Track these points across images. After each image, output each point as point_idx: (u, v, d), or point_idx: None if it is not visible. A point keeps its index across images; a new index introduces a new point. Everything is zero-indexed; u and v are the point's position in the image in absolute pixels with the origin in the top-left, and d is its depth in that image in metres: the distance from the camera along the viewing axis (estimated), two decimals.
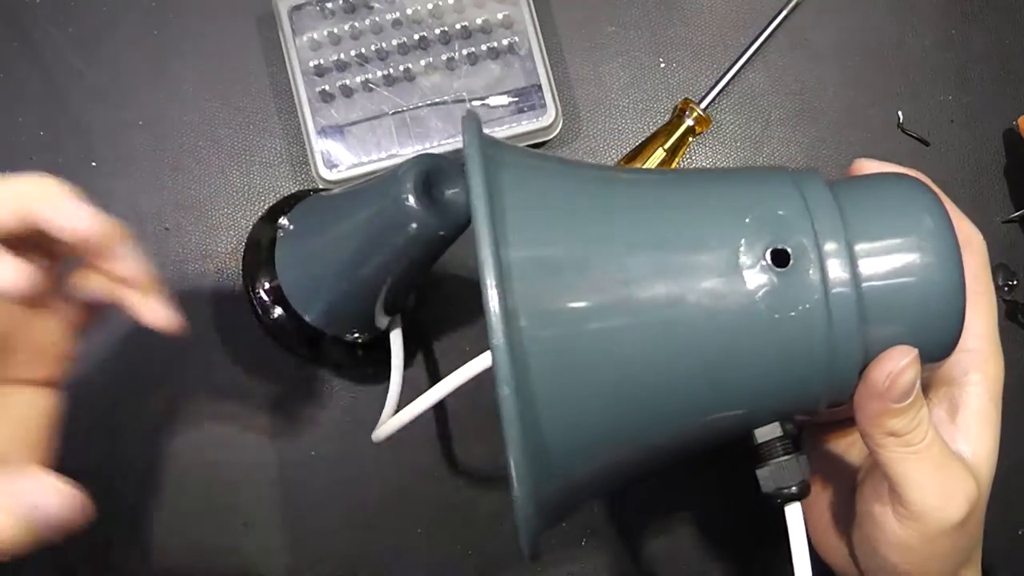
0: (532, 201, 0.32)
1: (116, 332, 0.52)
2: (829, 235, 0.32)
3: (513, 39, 0.51)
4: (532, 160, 0.35)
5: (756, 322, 0.32)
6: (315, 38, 0.51)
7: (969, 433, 0.36)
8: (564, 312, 0.31)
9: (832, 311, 0.32)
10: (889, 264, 0.32)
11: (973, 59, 0.54)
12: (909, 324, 0.32)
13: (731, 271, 0.32)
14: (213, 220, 0.53)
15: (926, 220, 0.33)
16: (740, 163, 0.53)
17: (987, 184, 0.53)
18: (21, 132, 0.53)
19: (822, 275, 0.32)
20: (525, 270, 0.30)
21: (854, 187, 0.34)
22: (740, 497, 0.36)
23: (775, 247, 0.32)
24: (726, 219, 0.33)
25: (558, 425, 0.31)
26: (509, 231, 0.31)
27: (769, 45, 0.53)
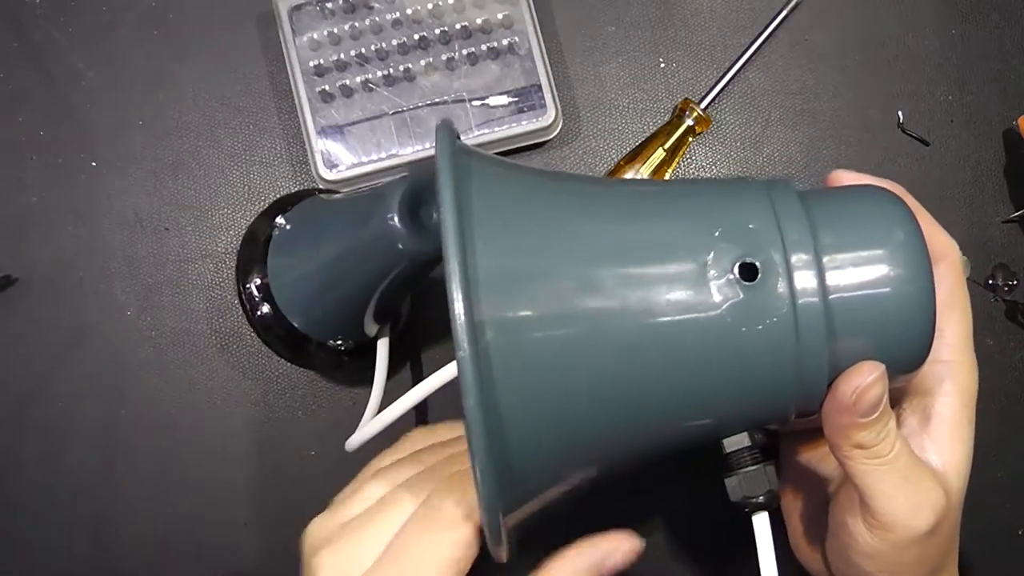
0: (501, 212, 0.32)
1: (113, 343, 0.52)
2: (798, 248, 0.32)
3: (513, 39, 0.51)
4: (504, 170, 0.35)
5: (723, 335, 0.32)
6: (315, 38, 0.51)
7: (941, 443, 0.36)
8: (530, 323, 0.31)
9: (800, 324, 0.32)
10: (858, 277, 0.32)
11: (973, 59, 0.54)
12: (878, 337, 0.33)
13: (698, 284, 0.32)
14: (213, 220, 0.53)
15: (896, 233, 0.33)
16: (740, 163, 0.53)
17: (987, 184, 0.53)
18: (21, 132, 0.53)
19: (790, 289, 0.32)
20: (492, 282, 0.30)
21: (826, 199, 0.34)
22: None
23: (743, 261, 0.32)
24: (695, 231, 0.33)
25: (523, 433, 0.30)
26: (478, 242, 0.30)
27: (769, 45, 0.53)
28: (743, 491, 0.35)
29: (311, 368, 0.51)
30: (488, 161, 0.35)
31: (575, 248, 0.32)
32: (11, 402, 0.52)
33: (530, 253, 0.32)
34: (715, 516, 0.36)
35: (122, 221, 0.53)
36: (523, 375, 0.30)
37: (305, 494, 0.51)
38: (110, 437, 0.51)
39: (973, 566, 0.51)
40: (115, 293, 0.52)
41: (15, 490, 0.51)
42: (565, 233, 0.32)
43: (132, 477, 0.51)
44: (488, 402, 0.29)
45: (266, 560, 0.51)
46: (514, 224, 0.32)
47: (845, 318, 0.32)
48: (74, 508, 0.51)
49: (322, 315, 0.46)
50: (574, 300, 0.31)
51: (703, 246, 0.32)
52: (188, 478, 0.51)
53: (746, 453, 0.35)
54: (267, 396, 0.52)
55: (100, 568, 0.51)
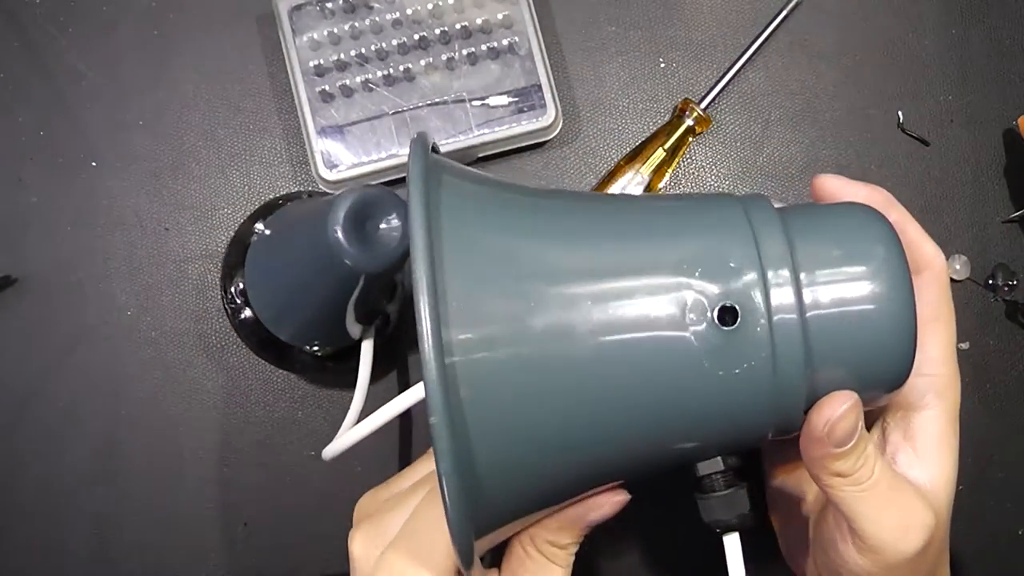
0: (473, 232, 0.31)
1: (113, 343, 0.52)
2: (780, 286, 0.31)
3: (513, 39, 0.51)
4: (478, 188, 0.34)
5: (699, 378, 0.31)
6: (315, 38, 0.51)
7: (927, 459, 0.36)
8: (501, 348, 0.30)
9: (778, 365, 0.31)
10: (840, 306, 0.32)
11: (973, 59, 0.54)
12: (857, 361, 0.32)
13: (676, 327, 0.31)
14: (213, 220, 0.53)
15: (878, 261, 0.32)
16: (740, 163, 0.53)
17: (987, 184, 0.53)
18: (21, 132, 0.53)
19: (770, 332, 0.31)
20: (462, 305, 0.30)
21: (807, 223, 0.33)
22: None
23: (723, 304, 0.31)
24: (674, 270, 0.32)
25: (493, 456, 0.30)
26: (447, 262, 0.30)
27: (769, 45, 0.53)
28: (715, 514, 0.35)
29: (295, 372, 0.51)
30: (462, 176, 0.34)
31: (551, 273, 0.31)
32: (11, 402, 0.52)
33: (502, 280, 0.31)
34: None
35: (122, 221, 0.53)
36: (490, 397, 0.30)
37: (305, 494, 0.51)
38: (110, 437, 0.51)
39: (973, 566, 0.51)
40: (115, 293, 0.52)
41: (15, 490, 0.51)
42: (541, 258, 0.32)
43: (132, 477, 0.51)
44: (456, 423, 0.29)
45: (266, 560, 0.51)
46: (486, 246, 0.31)
47: (824, 349, 0.32)
48: (74, 508, 0.51)
49: (292, 322, 0.46)
50: (547, 330, 0.30)
51: (682, 287, 0.31)
52: (188, 478, 0.51)
53: (719, 477, 0.35)
54: (267, 396, 0.52)
55: (100, 568, 0.51)
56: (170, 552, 0.51)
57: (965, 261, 0.52)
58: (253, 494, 0.51)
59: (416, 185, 0.30)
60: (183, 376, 0.52)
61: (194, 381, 0.52)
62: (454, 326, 0.29)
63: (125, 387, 0.52)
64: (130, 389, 0.52)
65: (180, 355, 0.52)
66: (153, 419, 0.52)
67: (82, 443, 0.52)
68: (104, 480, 0.51)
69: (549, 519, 0.36)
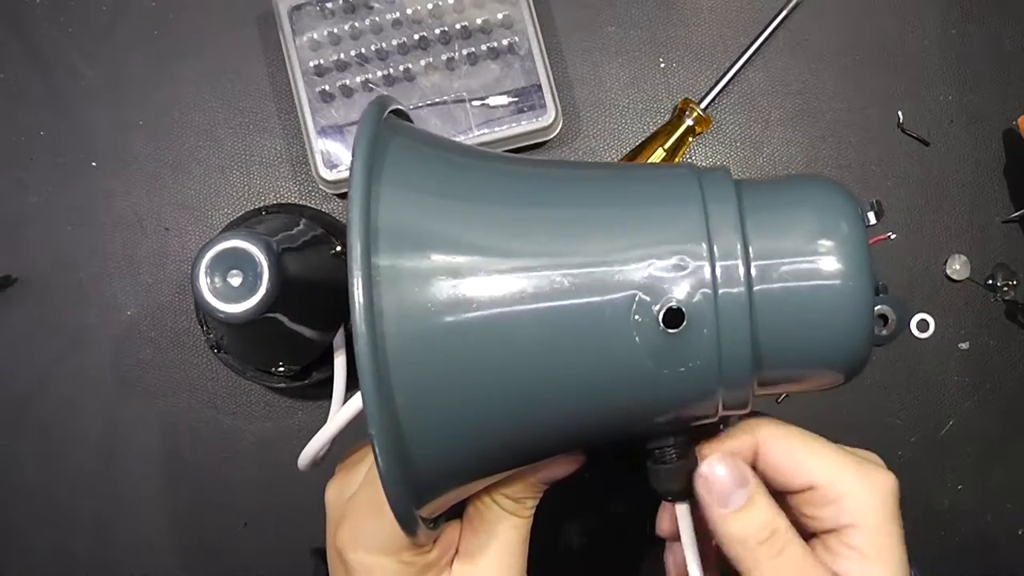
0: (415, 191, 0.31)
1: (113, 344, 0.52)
2: (731, 289, 0.30)
3: (513, 39, 0.51)
4: (428, 151, 0.33)
5: (641, 375, 0.31)
6: (315, 38, 0.50)
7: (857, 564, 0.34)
8: (432, 317, 0.29)
9: (724, 365, 0.30)
10: (792, 308, 0.31)
11: (973, 59, 0.54)
12: (807, 351, 0.32)
13: (620, 325, 0.30)
14: (213, 220, 0.53)
15: (835, 284, 0.31)
16: (740, 163, 0.53)
17: (987, 184, 0.53)
18: (21, 132, 0.53)
19: (717, 335, 0.30)
20: (395, 274, 0.29)
21: (767, 214, 0.32)
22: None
23: (670, 306, 0.30)
24: (623, 263, 0.30)
25: (423, 426, 0.30)
26: (381, 220, 0.29)
27: (769, 45, 0.53)
28: (665, 484, 0.35)
29: (272, 387, 0.51)
30: (412, 139, 0.33)
31: (493, 247, 0.30)
32: (11, 402, 0.52)
33: (443, 248, 0.30)
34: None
35: (122, 221, 0.53)
36: (425, 370, 0.29)
37: (305, 494, 0.51)
38: (110, 437, 0.51)
39: (974, 566, 0.51)
40: (115, 293, 0.52)
41: (15, 490, 0.51)
42: (485, 228, 0.31)
43: (132, 477, 0.51)
44: (385, 387, 0.28)
45: (266, 560, 0.51)
46: (427, 206, 0.31)
47: (773, 343, 0.31)
48: (74, 508, 0.51)
49: (240, 350, 0.46)
50: (484, 304, 0.30)
51: (630, 283, 0.30)
52: (188, 478, 0.51)
53: (669, 448, 0.34)
54: (266, 396, 0.52)
55: (100, 568, 0.51)
56: (170, 552, 0.51)
57: (965, 261, 0.52)
58: (253, 494, 0.51)
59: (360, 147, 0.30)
60: (183, 376, 0.52)
61: (194, 381, 0.52)
62: (386, 293, 0.29)
63: (125, 387, 0.52)
64: (130, 389, 0.52)
65: (180, 355, 0.52)
66: (153, 419, 0.52)
67: (82, 443, 0.52)
68: (104, 480, 0.51)
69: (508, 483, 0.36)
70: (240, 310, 0.39)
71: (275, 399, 0.52)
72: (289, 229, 0.45)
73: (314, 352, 0.46)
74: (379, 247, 0.29)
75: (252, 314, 0.39)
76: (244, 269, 0.39)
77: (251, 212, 0.49)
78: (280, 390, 0.51)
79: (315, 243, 0.46)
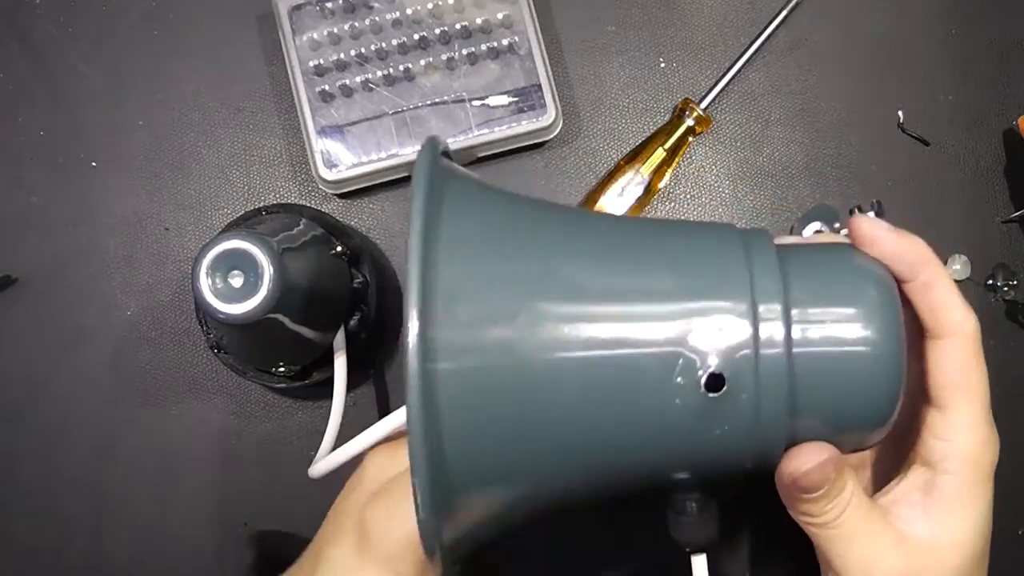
0: (473, 242, 0.31)
1: (113, 343, 0.52)
2: (772, 357, 0.31)
3: (513, 39, 0.51)
4: (484, 197, 0.34)
5: (678, 434, 0.31)
6: (315, 38, 0.50)
7: (935, 517, 0.36)
8: (485, 357, 0.30)
9: (759, 427, 0.31)
10: (828, 371, 0.32)
11: (973, 59, 0.54)
12: (838, 414, 0.33)
13: (662, 386, 0.31)
14: (213, 220, 0.53)
15: (871, 323, 0.32)
16: (740, 163, 0.53)
17: (987, 184, 0.53)
18: (21, 132, 0.53)
19: (756, 401, 0.31)
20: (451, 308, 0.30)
21: (810, 286, 0.33)
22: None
23: (712, 372, 0.30)
24: (670, 327, 0.31)
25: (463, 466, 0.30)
26: (441, 265, 0.30)
27: (769, 45, 0.53)
28: (684, 535, 0.35)
29: (272, 388, 0.51)
30: (467, 185, 0.34)
31: (546, 296, 0.31)
32: (11, 402, 0.52)
33: (498, 291, 0.31)
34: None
35: (122, 221, 0.53)
36: (472, 396, 0.30)
37: (305, 495, 0.51)
38: (110, 437, 0.51)
39: None
40: (115, 293, 0.52)
41: (15, 490, 0.51)
42: (535, 279, 0.32)
43: (132, 477, 0.51)
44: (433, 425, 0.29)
45: (266, 560, 0.51)
46: (484, 255, 0.31)
47: (808, 403, 0.32)
48: (74, 508, 0.51)
49: (238, 350, 0.46)
50: (533, 350, 0.30)
51: (676, 344, 0.31)
52: (188, 479, 0.51)
53: (690, 501, 0.35)
54: (266, 396, 0.52)
55: (100, 568, 0.51)
56: (170, 552, 0.51)
57: (965, 261, 0.52)
58: (253, 494, 0.51)
59: (420, 189, 0.31)
60: (183, 376, 0.52)
61: (194, 381, 0.52)
62: (441, 327, 0.29)
63: (125, 387, 0.52)
64: (130, 389, 0.52)
65: (180, 355, 0.52)
66: (153, 419, 0.52)
67: (81, 444, 0.52)
68: (103, 480, 0.51)
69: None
70: (241, 311, 0.39)
71: (275, 399, 0.52)
72: (290, 230, 0.45)
73: (314, 353, 0.46)
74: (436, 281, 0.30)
75: (253, 315, 0.39)
76: (245, 270, 0.39)
77: (251, 212, 0.49)
78: (280, 390, 0.51)
79: (315, 243, 0.46)
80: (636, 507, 0.50)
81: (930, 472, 0.36)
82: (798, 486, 0.33)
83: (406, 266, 0.29)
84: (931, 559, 0.35)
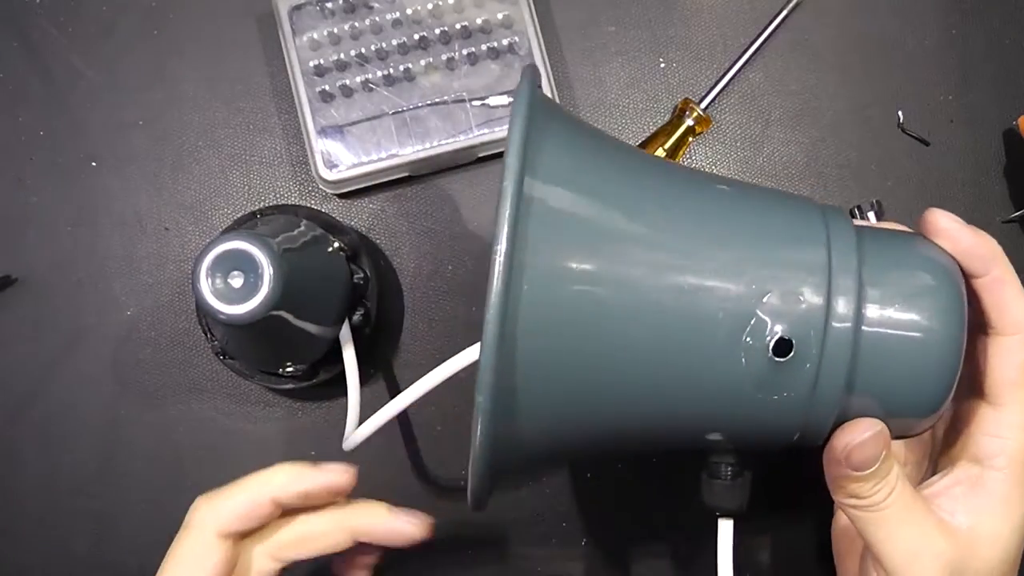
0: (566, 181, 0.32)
1: (113, 344, 0.52)
2: (840, 329, 0.31)
3: (513, 39, 0.51)
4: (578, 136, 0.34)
5: (737, 394, 0.32)
6: (315, 38, 0.51)
7: (976, 512, 0.35)
8: (568, 278, 0.31)
9: (816, 397, 0.32)
10: (888, 351, 0.32)
11: (973, 59, 0.54)
12: (892, 394, 0.33)
13: (731, 343, 0.31)
14: (213, 220, 0.53)
15: (936, 313, 0.33)
16: (740, 163, 0.53)
17: (987, 184, 0.53)
18: (21, 132, 0.53)
19: (817, 372, 0.31)
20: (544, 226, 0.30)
21: (882, 265, 0.33)
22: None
23: (781, 337, 0.31)
24: (747, 285, 0.32)
25: (527, 390, 0.30)
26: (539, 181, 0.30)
27: (769, 45, 0.53)
28: (716, 499, 0.36)
29: (278, 389, 0.51)
30: (561, 117, 0.34)
31: (629, 237, 0.32)
32: (11, 402, 0.52)
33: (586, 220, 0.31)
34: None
35: (122, 221, 0.53)
36: (549, 321, 0.30)
37: None
38: (110, 437, 0.51)
39: None
40: (115, 293, 0.52)
41: (15, 490, 0.51)
42: (626, 220, 0.32)
43: (132, 477, 0.51)
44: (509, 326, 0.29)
45: None
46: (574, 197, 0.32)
47: (864, 382, 0.32)
48: (74, 508, 0.51)
49: (243, 353, 0.46)
50: (613, 287, 0.31)
51: (750, 304, 0.31)
52: (188, 478, 0.51)
53: (727, 465, 0.36)
54: (266, 396, 0.52)
55: (100, 568, 0.51)
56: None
57: None
58: None
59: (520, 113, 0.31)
60: (183, 376, 0.52)
61: (194, 381, 0.52)
62: (527, 252, 0.30)
63: (125, 387, 0.52)
64: (130, 389, 0.52)
65: (180, 355, 0.52)
66: (153, 419, 0.52)
67: (82, 443, 0.52)
68: (104, 480, 0.51)
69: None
70: (242, 311, 0.39)
71: (275, 399, 0.52)
72: (290, 230, 0.45)
73: (321, 349, 0.46)
74: (532, 199, 0.30)
75: (254, 315, 0.39)
76: (245, 270, 0.39)
77: (247, 216, 0.49)
78: (281, 391, 0.51)
79: (315, 243, 0.46)
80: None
81: (977, 468, 0.36)
82: (850, 461, 0.33)
83: (501, 186, 0.29)
84: (974, 550, 0.35)
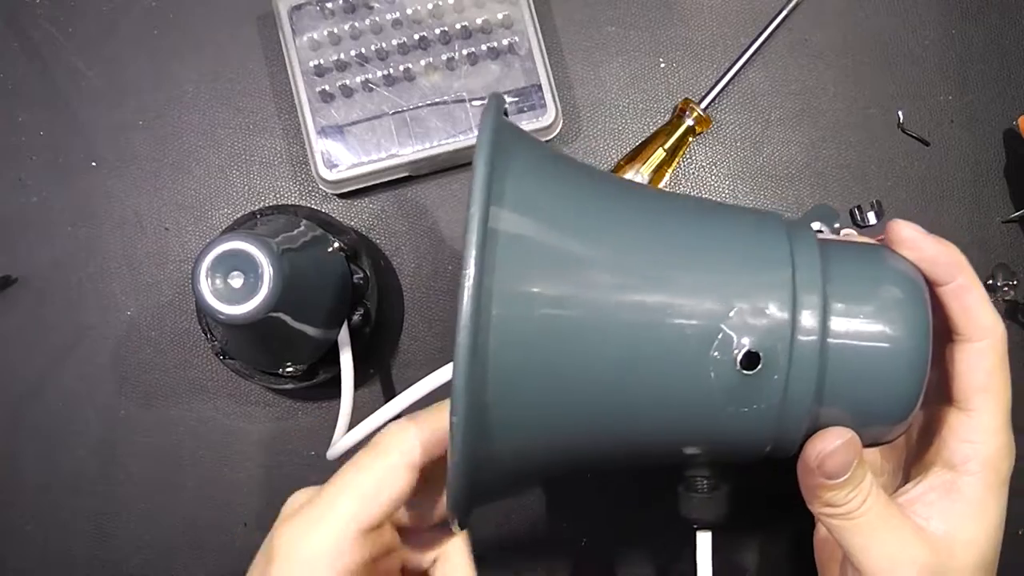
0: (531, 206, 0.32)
1: (113, 344, 0.52)
2: (807, 342, 0.32)
3: (513, 39, 0.51)
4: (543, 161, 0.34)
5: (707, 408, 0.32)
6: (315, 38, 0.50)
7: (951, 517, 0.36)
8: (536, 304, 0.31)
9: (785, 409, 0.32)
10: (855, 363, 0.33)
11: (973, 59, 0.54)
12: (861, 404, 0.33)
13: (699, 358, 0.31)
14: (213, 220, 0.53)
15: (900, 322, 0.33)
16: (740, 163, 0.53)
17: (987, 184, 0.53)
18: (21, 132, 0.53)
19: (786, 384, 0.32)
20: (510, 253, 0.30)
21: (847, 279, 0.34)
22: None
23: (749, 350, 0.31)
24: (713, 302, 0.32)
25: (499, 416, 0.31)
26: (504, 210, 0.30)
27: (769, 45, 0.53)
28: (694, 512, 0.36)
29: (278, 389, 0.51)
30: (528, 146, 0.34)
31: (594, 261, 0.32)
32: (11, 402, 0.52)
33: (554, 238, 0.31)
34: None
35: (122, 221, 0.53)
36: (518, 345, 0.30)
37: None
38: (110, 437, 0.51)
39: None
40: (115, 293, 0.52)
41: (15, 490, 0.51)
42: (589, 244, 0.32)
43: (132, 477, 0.51)
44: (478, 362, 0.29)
45: None
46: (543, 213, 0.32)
47: (833, 392, 0.33)
48: (74, 508, 0.51)
49: (243, 353, 0.46)
50: (579, 311, 0.31)
51: (716, 319, 0.32)
52: (188, 478, 0.51)
53: (703, 478, 0.36)
54: (266, 396, 0.52)
55: (100, 568, 0.51)
56: (170, 552, 0.51)
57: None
58: (253, 494, 0.51)
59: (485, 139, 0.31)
60: (183, 376, 0.52)
61: (194, 381, 0.52)
62: (495, 276, 0.30)
63: (125, 387, 0.52)
64: (130, 389, 0.52)
65: (180, 355, 0.52)
66: (153, 419, 0.52)
67: (82, 443, 0.52)
68: (104, 480, 0.51)
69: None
70: (242, 311, 0.39)
71: (275, 399, 0.52)
72: (289, 230, 0.45)
73: (319, 350, 0.47)
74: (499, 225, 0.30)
75: (254, 315, 0.39)
76: (245, 270, 0.39)
77: (247, 216, 0.49)
78: (281, 391, 0.51)
79: (315, 243, 0.46)
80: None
81: (951, 474, 0.36)
82: (823, 469, 0.33)
83: (467, 213, 0.29)
84: (950, 555, 0.35)
